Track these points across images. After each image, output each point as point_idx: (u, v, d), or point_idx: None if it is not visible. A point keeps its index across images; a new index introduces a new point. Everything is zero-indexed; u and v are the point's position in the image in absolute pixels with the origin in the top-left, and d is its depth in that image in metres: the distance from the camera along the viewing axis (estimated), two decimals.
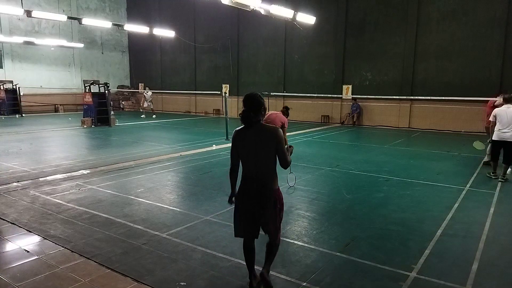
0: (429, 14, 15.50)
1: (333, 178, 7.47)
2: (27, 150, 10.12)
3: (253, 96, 3.13)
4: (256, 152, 3.06)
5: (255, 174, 3.09)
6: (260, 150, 3.05)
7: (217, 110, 22.51)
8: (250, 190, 3.11)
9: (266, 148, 3.04)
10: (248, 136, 3.08)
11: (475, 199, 6.09)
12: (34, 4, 21.20)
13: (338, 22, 17.69)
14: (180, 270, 3.62)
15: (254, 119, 3.07)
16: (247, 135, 3.09)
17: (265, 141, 3.04)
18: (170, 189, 6.58)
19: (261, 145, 3.04)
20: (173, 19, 23.29)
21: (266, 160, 3.06)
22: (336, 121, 18.34)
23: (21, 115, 19.93)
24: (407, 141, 13.04)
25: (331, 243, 4.31)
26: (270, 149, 3.04)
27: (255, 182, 3.09)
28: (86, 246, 4.13)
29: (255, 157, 3.07)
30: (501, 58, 14.19)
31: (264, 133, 3.06)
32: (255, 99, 3.11)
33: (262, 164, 3.07)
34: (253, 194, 3.10)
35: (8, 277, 3.45)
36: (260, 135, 3.05)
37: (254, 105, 3.09)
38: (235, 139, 3.15)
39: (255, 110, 3.08)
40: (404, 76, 16.30)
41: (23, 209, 5.32)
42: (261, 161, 3.06)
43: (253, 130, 3.07)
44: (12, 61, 21.43)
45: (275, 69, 20.01)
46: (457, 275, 3.58)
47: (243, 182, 3.16)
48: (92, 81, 17.10)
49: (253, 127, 3.07)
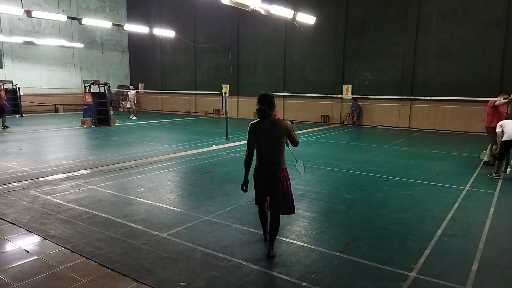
0: (429, 14, 15.50)
1: (333, 178, 7.47)
2: (27, 150, 10.12)
3: (267, 95, 3.89)
4: (270, 139, 3.84)
5: (269, 156, 3.87)
6: (273, 137, 3.83)
7: (217, 110, 22.52)
8: (265, 171, 3.88)
9: (277, 136, 3.83)
10: (264, 127, 3.83)
11: (475, 199, 6.09)
12: (34, 4, 21.20)
13: (338, 22, 17.69)
14: (180, 270, 3.62)
15: (267, 113, 3.80)
16: (262, 126, 3.84)
17: (277, 130, 3.82)
18: (170, 189, 6.58)
19: (274, 134, 3.82)
20: (173, 19, 23.29)
21: (278, 145, 3.85)
22: (336, 121, 18.34)
23: (21, 115, 19.94)
24: (407, 141, 13.04)
25: (331, 243, 4.31)
26: (280, 136, 3.83)
27: (269, 164, 3.87)
28: (86, 246, 4.13)
29: (269, 143, 3.85)
30: (501, 58, 14.19)
31: (276, 124, 3.83)
32: (269, 97, 3.87)
33: (274, 148, 3.85)
34: (268, 174, 3.86)
35: (8, 277, 3.45)
36: (273, 126, 3.82)
37: (268, 102, 3.82)
38: (252, 130, 3.88)
39: (269, 106, 3.82)
40: (404, 76, 16.30)
41: (23, 209, 5.32)
42: (273, 146, 3.85)
43: (267, 122, 3.83)
44: (12, 61, 21.43)
45: (275, 69, 20.01)
46: (457, 275, 3.58)
47: (258, 165, 3.94)
48: (92, 81, 17.10)
49: (266, 120, 3.83)
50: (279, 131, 3.81)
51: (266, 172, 3.87)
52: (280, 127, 3.81)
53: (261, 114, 3.81)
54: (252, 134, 3.88)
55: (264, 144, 3.87)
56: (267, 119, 3.83)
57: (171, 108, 24.86)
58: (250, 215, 5.14)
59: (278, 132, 3.81)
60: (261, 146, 3.89)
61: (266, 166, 3.87)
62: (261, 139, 3.86)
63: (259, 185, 3.95)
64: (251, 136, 3.88)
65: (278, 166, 3.86)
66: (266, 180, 3.88)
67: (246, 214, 5.20)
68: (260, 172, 3.90)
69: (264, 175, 3.88)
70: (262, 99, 3.83)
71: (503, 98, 8.31)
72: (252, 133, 3.88)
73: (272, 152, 3.86)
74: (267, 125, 3.82)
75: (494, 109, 8.44)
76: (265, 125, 3.83)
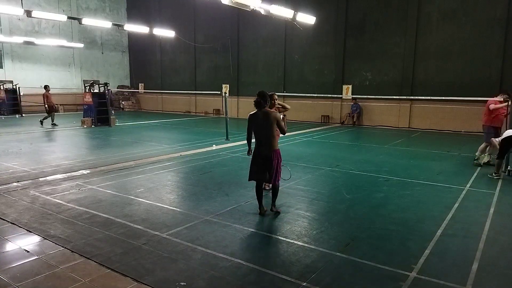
0: (429, 14, 15.50)
1: (333, 178, 7.47)
2: (27, 150, 10.12)
3: (263, 92, 5.05)
4: (264, 126, 4.96)
5: (264, 139, 5.02)
6: (266, 124, 4.95)
7: (217, 110, 22.52)
8: (261, 151, 5.03)
9: (270, 123, 4.94)
10: (259, 116, 4.98)
11: (475, 199, 6.09)
12: (34, 4, 21.21)
13: (338, 22, 17.69)
14: (180, 270, 3.62)
15: (262, 105, 4.97)
16: (258, 115, 4.99)
17: (269, 119, 4.93)
18: (170, 189, 6.58)
19: (267, 121, 4.94)
20: (173, 19, 23.29)
21: (271, 130, 4.97)
22: (336, 121, 18.34)
23: (21, 115, 19.93)
24: (407, 141, 13.04)
25: (331, 243, 4.31)
26: (272, 124, 4.95)
27: (264, 145, 5.02)
28: (86, 246, 4.13)
29: (264, 129, 4.98)
30: (501, 58, 14.18)
31: (268, 114, 4.96)
32: (264, 93, 5.03)
33: (268, 133, 4.98)
34: (263, 154, 5.01)
35: (8, 277, 3.45)
36: (265, 115, 4.95)
37: (262, 96, 4.99)
38: (251, 119, 5.05)
39: (264, 100, 4.99)
40: (404, 76, 16.30)
41: (23, 209, 5.32)
42: (267, 131, 4.98)
43: (261, 112, 4.98)
44: (12, 61, 21.43)
45: (275, 69, 20.01)
46: (457, 275, 3.58)
47: (257, 146, 5.10)
48: (92, 81, 17.10)
49: (261, 110, 4.98)
50: (270, 119, 4.92)
51: (262, 152, 5.01)
52: (271, 116, 4.94)
53: (257, 105, 4.97)
54: (250, 122, 5.06)
55: (259, 129, 5.02)
56: (262, 110, 4.96)
57: (171, 108, 24.86)
58: (250, 215, 5.15)
59: (269, 120, 4.92)
60: (257, 131, 5.05)
61: (262, 147, 5.03)
62: (257, 125, 5.01)
63: (257, 161, 5.07)
64: (250, 123, 5.07)
65: (271, 148, 5.00)
66: (262, 158, 5.01)
67: (246, 214, 5.21)
68: (258, 153, 5.07)
69: (260, 155, 5.03)
70: (259, 94, 4.99)
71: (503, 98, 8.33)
72: (250, 120, 5.06)
73: (266, 136, 4.99)
74: (261, 115, 4.97)
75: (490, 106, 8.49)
76: (260, 115, 4.98)
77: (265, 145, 4.99)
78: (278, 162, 5.07)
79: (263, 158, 5.00)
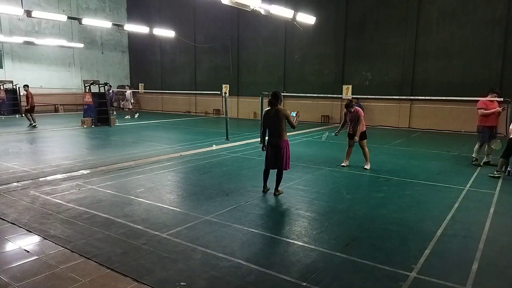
0: (429, 14, 15.50)
1: (333, 178, 7.47)
2: (27, 150, 10.12)
3: (276, 93, 5.95)
4: (276, 121, 5.89)
5: (274, 132, 5.95)
6: (277, 119, 5.87)
7: (217, 110, 22.51)
8: (272, 142, 5.98)
9: (279, 119, 5.85)
10: (271, 112, 5.92)
11: (475, 199, 6.09)
12: (34, 4, 21.20)
13: (338, 22, 17.68)
14: (180, 270, 3.62)
15: (275, 104, 5.92)
16: (270, 112, 5.93)
17: (280, 115, 5.85)
18: (170, 189, 6.58)
19: (278, 117, 5.86)
20: (173, 19, 23.28)
21: (281, 124, 5.88)
22: (336, 121, 18.30)
23: (21, 115, 19.92)
24: (407, 141, 13.04)
25: (331, 243, 4.31)
26: (281, 119, 5.85)
27: (275, 137, 5.95)
28: (86, 246, 4.13)
29: (275, 123, 5.90)
30: (501, 58, 14.18)
31: (278, 111, 5.88)
32: (277, 94, 5.95)
33: (279, 127, 5.89)
34: (273, 143, 5.97)
35: (8, 277, 3.45)
36: (276, 112, 5.88)
37: (275, 97, 5.93)
38: (265, 115, 6.00)
39: (276, 99, 5.92)
40: (404, 76, 16.30)
41: (23, 209, 5.32)
42: (278, 125, 5.88)
43: (274, 109, 5.91)
44: (12, 61, 21.42)
45: (275, 69, 20.01)
46: (457, 275, 3.58)
47: (269, 138, 6.04)
48: (92, 81, 17.09)
49: (274, 108, 5.91)
50: (280, 116, 5.84)
51: (273, 142, 5.97)
52: (281, 113, 5.85)
53: (271, 104, 5.95)
54: (264, 117, 6.04)
55: (270, 124, 5.95)
56: (274, 108, 5.90)
57: (171, 108, 24.85)
58: (250, 215, 5.15)
59: (279, 116, 5.84)
60: (269, 125, 5.99)
61: (273, 138, 5.97)
62: (269, 120, 5.95)
63: (269, 151, 6.07)
64: (264, 118, 6.03)
65: (281, 138, 5.91)
66: (272, 147, 5.98)
67: (246, 214, 5.21)
68: (270, 142, 6.03)
69: (271, 143, 6.00)
70: (272, 95, 5.96)
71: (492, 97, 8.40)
72: (264, 116, 6.03)
73: (276, 129, 5.92)
74: (273, 112, 5.90)
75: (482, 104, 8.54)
76: (272, 112, 5.91)
77: (275, 136, 5.91)
78: (287, 150, 5.95)
79: (273, 146, 5.96)
